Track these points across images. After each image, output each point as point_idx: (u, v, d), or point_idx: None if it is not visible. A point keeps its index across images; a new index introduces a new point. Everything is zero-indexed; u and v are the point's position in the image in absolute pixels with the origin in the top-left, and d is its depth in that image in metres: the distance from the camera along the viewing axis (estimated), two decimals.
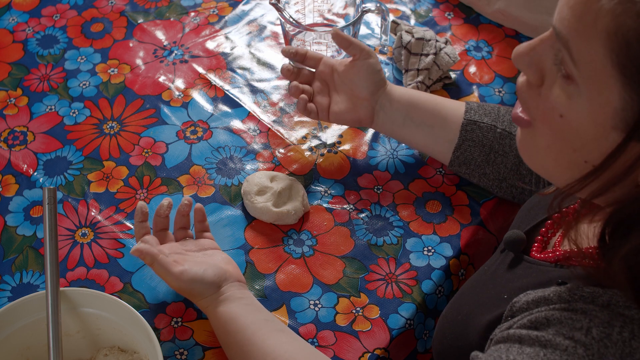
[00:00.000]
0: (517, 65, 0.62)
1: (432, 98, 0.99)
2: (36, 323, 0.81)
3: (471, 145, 0.95)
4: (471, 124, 0.95)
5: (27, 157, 1.05)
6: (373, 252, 0.96)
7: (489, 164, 0.95)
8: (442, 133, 0.97)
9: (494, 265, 0.80)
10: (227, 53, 1.18)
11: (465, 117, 0.95)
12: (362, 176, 1.03)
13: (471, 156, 0.96)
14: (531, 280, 0.69)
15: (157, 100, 1.12)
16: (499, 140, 0.94)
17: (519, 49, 0.61)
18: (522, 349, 0.60)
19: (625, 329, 0.57)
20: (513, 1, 1.16)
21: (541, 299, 0.64)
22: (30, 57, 1.17)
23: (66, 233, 0.97)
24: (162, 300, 0.91)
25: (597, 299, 0.60)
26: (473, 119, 0.95)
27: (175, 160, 1.05)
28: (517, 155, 0.93)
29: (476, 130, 0.95)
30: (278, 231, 0.98)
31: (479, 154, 0.95)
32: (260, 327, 0.81)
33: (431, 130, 0.97)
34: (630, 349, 0.57)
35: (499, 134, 0.94)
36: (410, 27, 1.15)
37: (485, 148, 0.95)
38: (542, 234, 0.76)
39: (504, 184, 0.96)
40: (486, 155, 0.95)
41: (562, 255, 0.69)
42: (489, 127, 0.95)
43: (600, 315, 0.59)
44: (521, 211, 0.86)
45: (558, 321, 0.60)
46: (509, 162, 0.94)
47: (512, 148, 0.94)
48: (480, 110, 0.96)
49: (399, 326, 0.90)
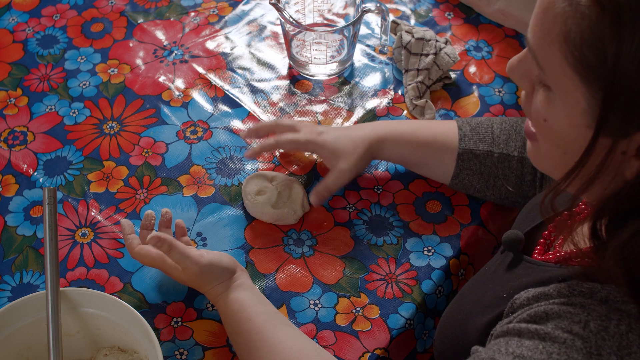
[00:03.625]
0: (512, 78, 0.65)
1: (423, 135, 0.96)
2: (36, 323, 0.81)
3: (469, 174, 0.95)
4: (467, 152, 0.94)
5: (27, 157, 1.05)
6: (373, 252, 0.96)
7: (489, 188, 0.95)
8: (439, 169, 0.97)
9: (494, 266, 0.80)
10: (227, 53, 1.18)
11: (460, 147, 0.94)
12: (362, 176, 1.03)
13: (470, 184, 0.96)
14: (531, 280, 0.70)
15: (157, 100, 1.12)
16: (497, 165, 0.93)
17: (511, 62, 0.64)
18: (522, 342, 0.61)
19: (622, 322, 0.59)
20: (513, 1, 1.16)
21: (541, 294, 0.65)
22: (30, 57, 1.17)
23: (66, 233, 0.97)
24: (162, 300, 0.91)
25: (595, 294, 0.61)
26: (468, 147, 0.94)
27: (175, 160, 1.05)
28: (517, 175, 0.92)
29: (473, 159, 0.94)
30: (278, 231, 0.98)
31: (478, 181, 0.95)
32: (269, 318, 0.82)
33: (427, 168, 0.98)
34: (627, 341, 0.58)
35: (497, 158, 0.93)
36: (410, 27, 1.15)
37: (483, 175, 0.94)
38: (544, 236, 0.77)
39: (507, 201, 0.96)
40: (485, 182, 0.95)
41: (563, 257, 0.70)
42: (486, 153, 0.93)
43: (598, 309, 0.60)
44: (522, 212, 0.86)
45: (557, 315, 0.61)
46: (510, 184, 0.93)
47: (511, 170, 0.92)
48: (474, 136, 0.94)
49: (399, 326, 0.90)
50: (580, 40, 0.54)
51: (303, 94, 1.13)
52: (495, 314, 0.71)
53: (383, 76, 1.15)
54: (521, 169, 0.92)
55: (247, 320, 0.81)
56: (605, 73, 0.54)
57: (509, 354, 0.61)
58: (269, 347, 0.79)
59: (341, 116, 1.10)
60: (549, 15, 0.56)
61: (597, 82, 0.55)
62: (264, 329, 0.80)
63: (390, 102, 1.12)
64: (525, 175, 0.92)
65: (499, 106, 1.11)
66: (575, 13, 0.54)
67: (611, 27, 0.53)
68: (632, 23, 0.52)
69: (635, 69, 0.53)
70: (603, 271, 0.60)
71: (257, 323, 0.81)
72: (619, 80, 0.53)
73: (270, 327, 0.81)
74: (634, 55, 0.52)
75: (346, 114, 1.11)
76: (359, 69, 1.16)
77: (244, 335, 0.81)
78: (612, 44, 0.53)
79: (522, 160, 0.92)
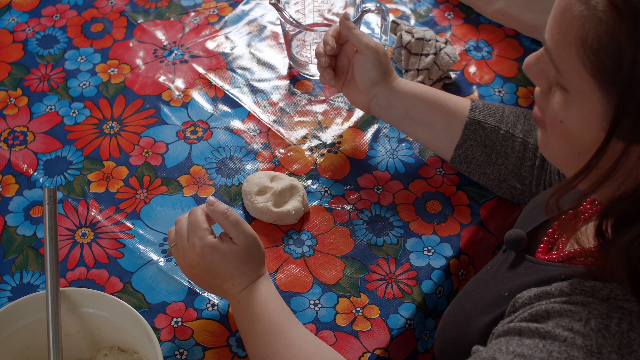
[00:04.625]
0: (528, 75, 0.65)
1: (437, 95, 0.98)
2: (36, 323, 0.81)
3: (473, 145, 0.95)
4: (475, 123, 0.95)
5: (27, 157, 1.05)
6: (373, 252, 0.96)
7: (490, 164, 0.95)
8: (444, 132, 0.97)
9: (496, 265, 0.80)
10: (227, 53, 1.18)
11: (470, 116, 0.95)
12: (362, 176, 1.03)
13: (472, 156, 0.96)
14: (533, 279, 0.70)
15: (157, 100, 1.12)
16: (501, 142, 0.94)
17: (528, 59, 0.64)
18: (522, 341, 0.61)
19: (624, 320, 0.59)
20: (513, 1, 1.16)
21: (543, 293, 0.65)
22: (30, 57, 1.17)
23: (66, 233, 0.97)
24: (162, 300, 0.91)
25: (597, 292, 0.61)
26: (477, 118, 0.95)
27: (175, 160, 1.05)
28: (518, 157, 0.94)
29: (479, 130, 0.95)
30: (278, 231, 0.98)
31: (481, 154, 0.95)
32: (289, 314, 0.82)
33: (432, 128, 0.97)
34: (628, 340, 0.58)
35: (502, 135, 0.94)
36: (410, 27, 1.15)
37: (487, 149, 0.95)
38: (548, 235, 0.77)
39: (504, 185, 0.96)
40: (487, 156, 0.95)
41: (566, 256, 0.70)
42: (493, 128, 0.94)
43: (599, 308, 0.60)
44: (524, 212, 0.86)
45: (558, 313, 0.61)
46: (509, 164, 0.94)
47: (513, 150, 0.94)
48: (485, 110, 0.96)
49: (399, 326, 0.90)
50: (597, 46, 0.54)
51: (303, 94, 1.13)
52: (496, 314, 0.71)
53: None
54: (523, 152, 0.93)
55: (274, 310, 0.81)
56: (621, 78, 0.54)
57: (509, 353, 0.61)
58: (288, 340, 0.79)
59: (341, 116, 1.10)
60: (566, 18, 0.56)
61: (613, 87, 0.55)
62: (285, 322, 0.81)
63: None
64: (525, 160, 0.93)
65: None
66: (592, 17, 0.54)
67: (628, 33, 0.52)
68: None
69: None
70: (606, 270, 0.60)
71: (280, 315, 0.81)
72: (634, 85, 0.53)
73: (291, 323, 0.81)
74: None
75: (346, 114, 1.11)
76: None
77: (265, 324, 0.81)
78: (629, 50, 0.53)
79: (525, 144, 0.93)
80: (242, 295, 0.83)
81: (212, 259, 0.82)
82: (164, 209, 1.00)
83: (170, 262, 0.95)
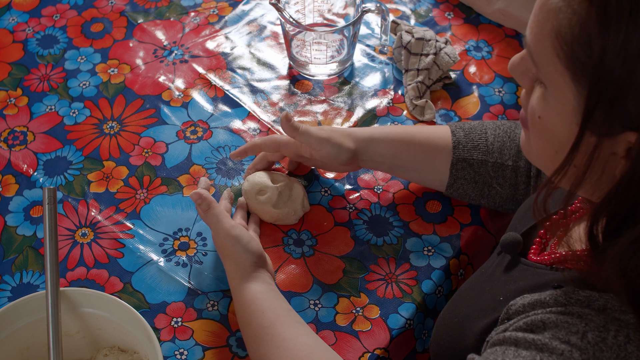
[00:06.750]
0: (513, 75, 0.65)
1: (415, 134, 0.94)
2: (36, 323, 0.81)
3: (464, 184, 0.94)
4: (461, 161, 0.92)
5: (27, 157, 1.05)
6: (373, 252, 0.96)
7: (484, 197, 0.94)
8: (431, 175, 0.96)
9: (491, 268, 0.80)
10: (227, 53, 1.18)
11: (454, 155, 0.92)
12: (362, 176, 1.03)
13: (465, 192, 0.95)
14: (527, 283, 0.70)
15: (157, 100, 1.12)
16: (491, 174, 0.92)
17: (513, 59, 0.65)
18: (518, 352, 0.61)
19: (621, 333, 0.58)
20: (513, 1, 1.17)
21: (537, 302, 0.64)
22: (30, 57, 1.18)
23: (66, 233, 0.97)
24: (162, 300, 0.91)
25: (592, 303, 0.61)
26: (462, 156, 0.92)
27: (175, 160, 1.05)
28: (511, 184, 0.92)
29: (467, 168, 0.93)
30: (278, 231, 0.98)
31: (473, 189, 0.94)
32: (282, 314, 0.82)
33: (419, 173, 0.96)
34: (625, 352, 0.57)
35: (491, 166, 0.92)
36: (410, 27, 1.15)
37: (478, 184, 0.93)
38: (540, 236, 0.76)
39: (501, 209, 0.96)
40: (480, 191, 0.94)
41: (558, 258, 0.70)
42: (480, 162, 0.92)
43: (595, 320, 0.59)
44: (518, 212, 0.86)
45: (554, 325, 0.61)
46: (504, 193, 0.93)
47: (505, 179, 0.92)
48: (469, 143, 0.92)
49: (398, 326, 0.90)
50: (570, 36, 0.55)
51: (303, 94, 1.13)
52: (491, 319, 0.71)
53: (383, 76, 1.15)
54: (515, 177, 0.92)
55: (261, 313, 0.81)
56: (591, 69, 0.54)
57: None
58: (279, 342, 0.79)
59: (341, 116, 1.10)
60: (544, 11, 0.57)
61: (585, 78, 0.55)
62: (276, 323, 0.80)
63: (390, 102, 1.12)
64: (519, 184, 0.92)
65: (499, 106, 1.11)
66: (567, 8, 0.55)
67: (598, 22, 0.53)
68: (618, 18, 0.52)
69: (620, 64, 0.52)
70: (600, 278, 0.60)
71: (269, 317, 0.81)
72: (604, 76, 0.53)
73: (282, 323, 0.81)
74: (619, 50, 0.52)
75: (346, 114, 1.11)
76: (359, 69, 1.16)
77: (255, 328, 0.81)
78: (598, 38, 0.53)
79: (516, 170, 0.91)
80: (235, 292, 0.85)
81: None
82: (164, 209, 1.00)
83: (170, 262, 0.95)
